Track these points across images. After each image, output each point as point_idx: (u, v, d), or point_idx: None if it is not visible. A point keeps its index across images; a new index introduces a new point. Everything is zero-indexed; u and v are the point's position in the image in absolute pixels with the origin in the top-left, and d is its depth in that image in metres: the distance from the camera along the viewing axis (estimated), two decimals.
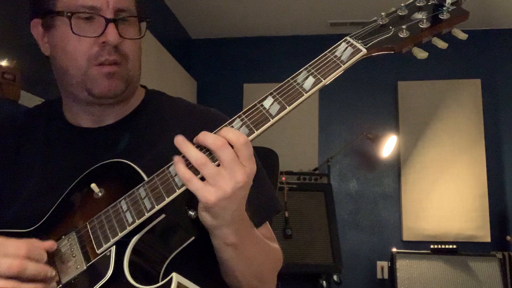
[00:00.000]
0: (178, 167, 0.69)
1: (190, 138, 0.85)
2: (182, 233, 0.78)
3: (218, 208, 0.70)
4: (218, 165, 0.70)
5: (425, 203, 3.73)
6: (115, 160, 0.81)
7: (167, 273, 0.70)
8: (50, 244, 0.74)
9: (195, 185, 0.68)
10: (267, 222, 0.95)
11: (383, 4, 4.01)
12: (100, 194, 0.79)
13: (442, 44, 0.77)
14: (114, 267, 0.71)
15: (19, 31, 2.05)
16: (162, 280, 0.69)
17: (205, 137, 0.70)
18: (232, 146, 0.69)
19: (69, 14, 0.84)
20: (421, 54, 0.77)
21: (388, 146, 3.68)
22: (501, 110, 3.87)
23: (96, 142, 0.93)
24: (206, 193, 0.68)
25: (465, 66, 3.77)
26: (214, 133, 0.72)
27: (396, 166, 3.89)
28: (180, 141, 0.71)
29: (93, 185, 0.79)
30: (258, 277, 0.87)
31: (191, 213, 0.74)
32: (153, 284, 0.68)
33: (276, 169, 1.52)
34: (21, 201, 0.88)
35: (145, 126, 0.95)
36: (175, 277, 0.67)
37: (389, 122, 3.92)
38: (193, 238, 0.78)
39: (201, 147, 0.71)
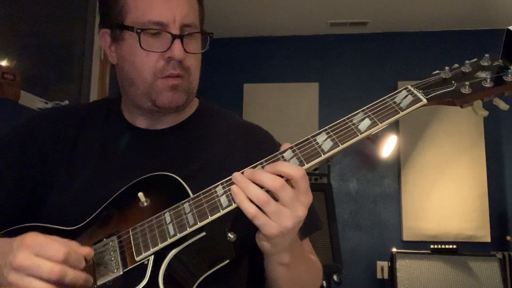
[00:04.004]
0: (242, 203, 0.71)
1: (235, 153, 0.87)
2: (219, 254, 0.79)
3: (279, 239, 0.73)
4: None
5: (425, 203, 3.73)
6: (165, 173, 0.83)
7: None
8: (88, 250, 0.74)
9: (260, 220, 0.71)
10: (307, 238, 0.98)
11: (383, 4, 4.01)
12: (145, 203, 0.81)
13: (503, 106, 0.79)
14: (150, 276, 0.72)
15: (19, 31, 2.05)
16: None
17: (261, 176, 0.71)
18: (285, 178, 0.71)
19: (138, 30, 0.88)
20: (481, 112, 0.78)
21: (388, 146, 3.67)
22: (501, 110, 3.86)
23: (149, 144, 0.96)
24: (269, 227, 0.71)
25: None
26: (268, 162, 0.74)
27: (396, 166, 3.89)
28: (238, 178, 0.72)
29: (140, 194, 0.81)
30: None
31: (231, 235, 0.75)
32: None
33: None
34: (73, 192, 0.90)
35: (195, 136, 0.98)
36: None
37: None
38: (227, 261, 0.80)
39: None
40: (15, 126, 1.00)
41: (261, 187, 0.71)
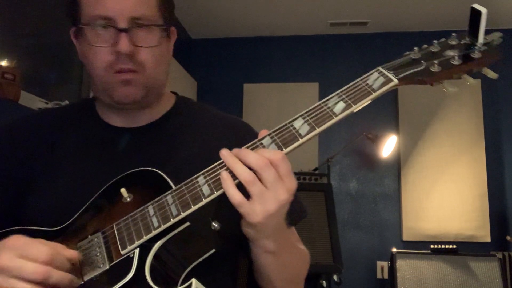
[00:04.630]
0: (229, 189, 0.71)
1: (217, 146, 0.86)
2: (204, 243, 0.80)
3: (263, 225, 0.73)
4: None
5: (425, 203, 3.73)
6: (146, 168, 0.83)
7: (186, 281, 0.71)
8: (73, 253, 0.74)
9: (245, 208, 0.71)
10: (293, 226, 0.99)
11: (383, 4, 4.00)
12: (128, 199, 0.81)
13: (471, 81, 0.80)
14: (136, 269, 0.72)
15: (19, 31, 2.05)
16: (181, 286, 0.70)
17: (247, 155, 0.72)
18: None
19: (81, 26, 0.88)
20: (451, 89, 0.79)
21: (388, 146, 3.68)
22: (501, 110, 3.87)
23: (128, 142, 0.96)
24: (254, 215, 0.71)
25: None
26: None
27: (396, 166, 3.89)
28: (226, 154, 0.73)
29: (122, 190, 0.81)
30: (291, 280, 0.92)
31: (215, 224, 0.76)
32: None
33: None
34: (54, 195, 0.90)
35: (174, 131, 0.98)
36: (195, 283, 0.68)
37: (389, 122, 3.92)
38: (213, 250, 0.80)
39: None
40: None
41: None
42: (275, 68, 4.15)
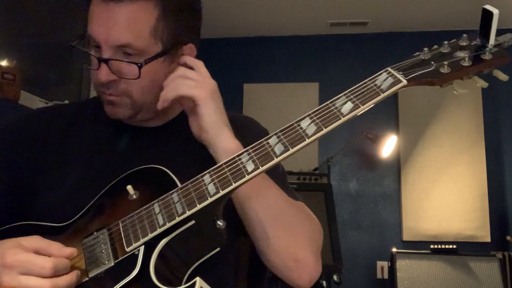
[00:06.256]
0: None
1: None
2: (209, 242, 0.79)
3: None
4: None
5: (425, 203, 3.73)
6: (153, 166, 0.84)
7: (190, 279, 0.72)
8: (71, 251, 0.75)
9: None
10: None
11: (383, 4, 4.00)
12: (134, 196, 0.81)
13: (482, 83, 0.80)
14: (140, 266, 0.73)
15: (19, 31, 2.06)
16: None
17: None
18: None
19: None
20: (461, 90, 0.79)
21: (388, 146, 3.67)
22: (501, 110, 3.87)
23: (139, 141, 0.97)
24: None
25: None
26: (254, 149, 0.76)
27: (396, 166, 3.89)
28: None
29: (129, 187, 0.82)
30: (283, 227, 0.88)
31: (220, 223, 0.75)
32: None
33: None
34: (63, 190, 0.91)
35: (185, 132, 0.97)
36: (199, 281, 0.68)
37: (389, 122, 3.92)
38: (218, 249, 0.80)
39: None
40: (3, 127, 1.00)
41: None
42: (275, 68, 4.15)
